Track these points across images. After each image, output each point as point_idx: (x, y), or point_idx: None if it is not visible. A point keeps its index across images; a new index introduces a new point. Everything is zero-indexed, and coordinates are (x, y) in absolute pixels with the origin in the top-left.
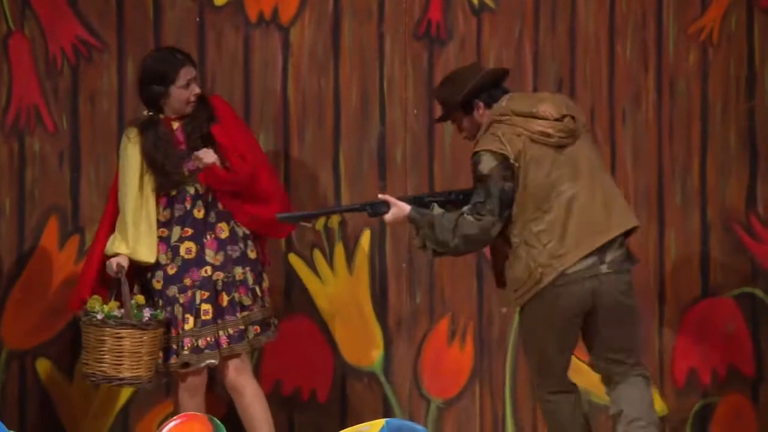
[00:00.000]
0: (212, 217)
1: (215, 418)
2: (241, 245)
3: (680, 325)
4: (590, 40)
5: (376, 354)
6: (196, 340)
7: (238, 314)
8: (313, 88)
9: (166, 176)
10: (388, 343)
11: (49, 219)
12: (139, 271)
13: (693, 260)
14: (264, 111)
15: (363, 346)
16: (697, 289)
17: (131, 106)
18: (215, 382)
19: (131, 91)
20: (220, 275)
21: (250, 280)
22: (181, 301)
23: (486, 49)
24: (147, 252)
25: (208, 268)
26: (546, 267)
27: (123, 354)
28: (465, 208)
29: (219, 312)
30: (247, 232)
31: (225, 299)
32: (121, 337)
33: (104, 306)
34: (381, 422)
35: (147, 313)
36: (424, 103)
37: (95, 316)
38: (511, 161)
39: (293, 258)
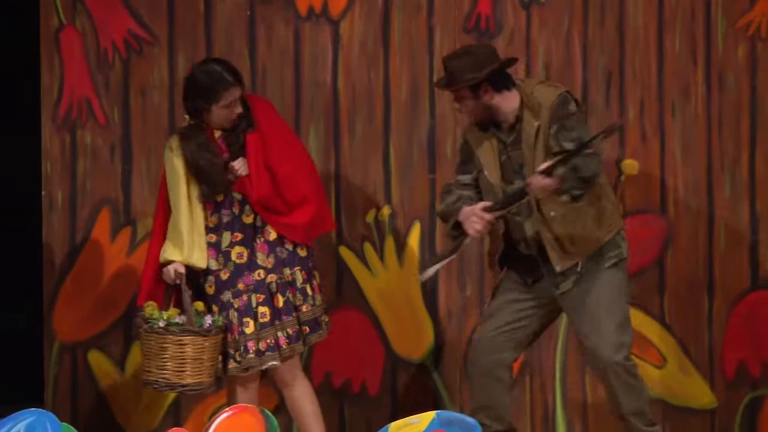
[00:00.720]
0: (260, 221)
1: (266, 410)
2: (290, 246)
3: (730, 318)
4: (639, 34)
5: (427, 346)
6: (257, 343)
7: (293, 314)
8: (363, 81)
9: (210, 184)
10: (438, 336)
11: (100, 211)
12: (191, 276)
13: (742, 252)
14: (314, 105)
15: (413, 338)
16: (747, 281)
17: (181, 100)
18: (267, 374)
19: (181, 85)
20: (273, 277)
21: (299, 280)
22: (237, 305)
23: (535, 43)
24: (200, 257)
25: (261, 272)
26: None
27: (186, 361)
28: (571, 144)
29: (276, 314)
30: None
31: (281, 300)
32: (183, 344)
33: (163, 313)
34: (431, 414)
35: (208, 319)
36: None
37: (157, 324)
38: None
39: (344, 251)
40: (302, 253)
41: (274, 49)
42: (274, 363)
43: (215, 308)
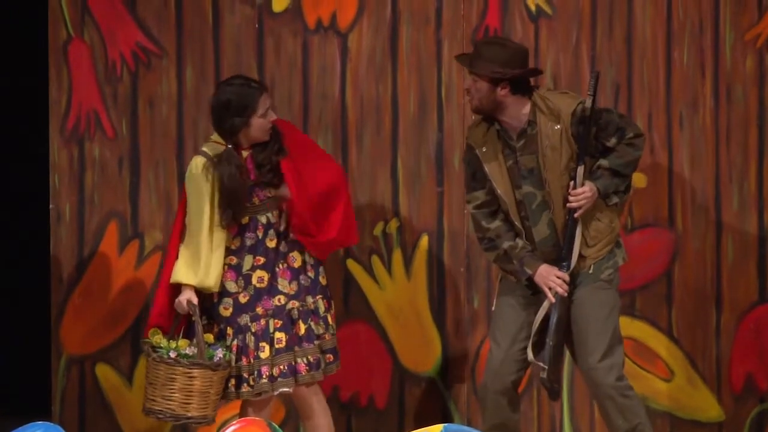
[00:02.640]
0: (284, 247)
1: (273, 423)
2: (311, 273)
3: (737, 330)
4: (647, 46)
5: (434, 359)
6: (271, 369)
7: (315, 342)
8: (371, 93)
9: (240, 207)
10: (446, 348)
11: (108, 224)
12: (202, 298)
13: (750, 265)
14: (322, 117)
15: (421, 351)
16: (755, 294)
17: (190, 112)
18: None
19: (190, 97)
20: (295, 304)
21: (322, 309)
22: (254, 329)
23: (543, 55)
24: (215, 281)
25: (282, 297)
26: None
27: (193, 393)
28: (613, 140)
29: (296, 340)
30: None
31: (302, 327)
32: (192, 377)
33: (172, 342)
34: (439, 427)
35: (219, 353)
36: None
37: (166, 354)
38: None
39: (351, 263)
40: (323, 281)
41: (282, 61)
42: (287, 389)
43: (229, 330)
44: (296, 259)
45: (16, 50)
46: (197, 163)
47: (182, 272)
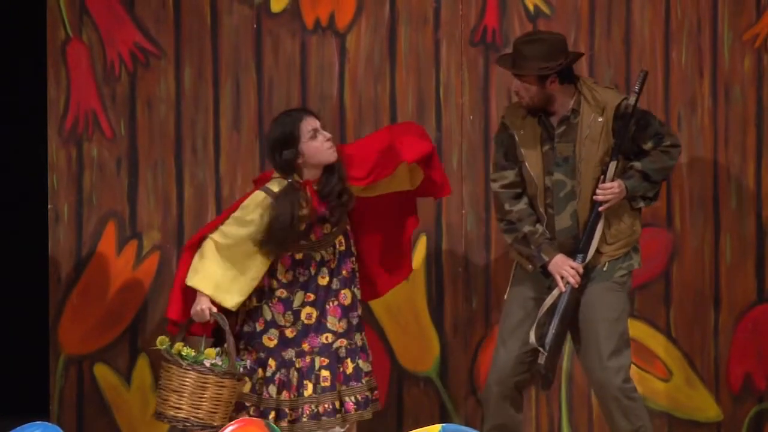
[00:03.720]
0: (335, 284)
1: (272, 423)
2: (359, 311)
3: (735, 330)
4: (645, 46)
5: (432, 359)
6: (316, 407)
7: (363, 380)
8: (370, 94)
9: (281, 249)
10: (444, 348)
11: (106, 224)
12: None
13: (748, 265)
14: (320, 117)
15: (419, 351)
16: (753, 293)
17: (188, 112)
18: None
19: (188, 97)
20: (343, 342)
21: (366, 345)
22: (298, 365)
23: None
24: (235, 303)
25: (329, 335)
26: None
27: (220, 402)
28: (650, 143)
29: (342, 379)
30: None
31: (350, 366)
32: (223, 386)
33: (200, 354)
34: (437, 427)
35: (243, 364)
36: (480, 109)
37: (197, 362)
38: None
39: None
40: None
41: (280, 61)
42: (339, 428)
43: (272, 362)
44: (347, 296)
45: (14, 50)
46: (261, 199)
47: (199, 277)
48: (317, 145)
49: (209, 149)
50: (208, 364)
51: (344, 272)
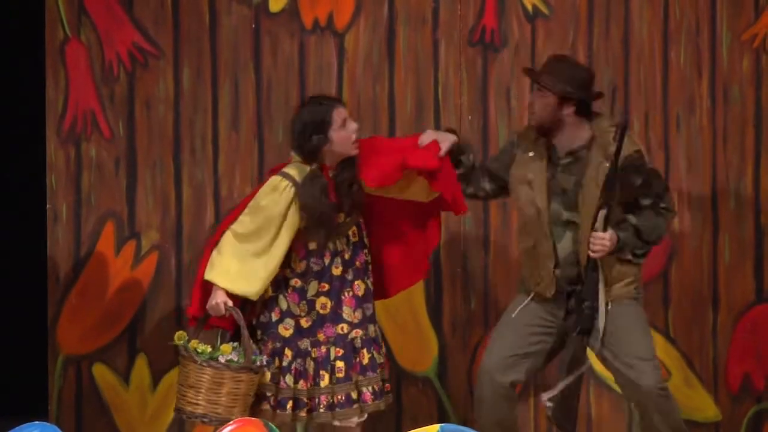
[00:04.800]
0: (350, 275)
1: (271, 423)
2: (373, 302)
3: (734, 331)
4: (644, 47)
5: (431, 359)
6: (331, 398)
7: (378, 371)
8: (368, 94)
9: (331, 226)
10: (442, 349)
11: (105, 225)
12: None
13: (747, 265)
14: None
15: (418, 351)
16: (751, 294)
17: (186, 112)
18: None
19: (187, 98)
20: (358, 332)
21: (380, 337)
22: (314, 355)
23: (540, 56)
24: (257, 291)
25: (345, 326)
26: None
27: (238, 397)
28: (648, 201)
29: (359, 369)
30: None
31: (366, 356)
32: (240, 381)
33: (216, 350)
34: (435, 428)
35: (260, 357)
36: (479, 109)
37: (214, 358)
38: None
39: None
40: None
41: (279, 61)
42: (357, 418)
43: (288, 351)
44: (360, 287)
45: (13, 50)
46: (277, 182)
47: (215, 271)
48: (346, 135)
49: (208, 149)
50: (223, 360)
51: (357, 263)
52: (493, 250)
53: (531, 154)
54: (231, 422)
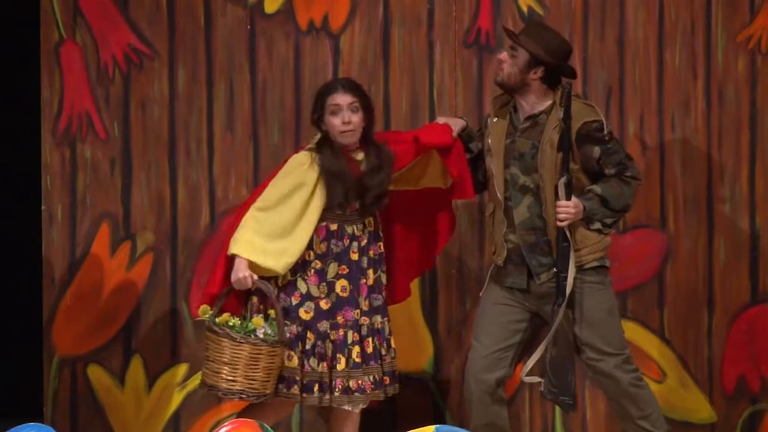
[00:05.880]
0: (364, 262)
1: (265, 424)
2: (383, 294)
3: (729, 332)
4: (639, 48)
5: (426, 360)
6: (347, 381)
7: (378, 362)
8: None
9: (346, 186)
10: (437, 350)
11: (100, 225)
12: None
13: (742, 267)
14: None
15: (413, 352)
16: (746, 295)
17: (182, 114)
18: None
19: (182, 99)
20: (366, 320)
21: (386, 331)
22: (332, 337)
23: None
24: (280, 263)
25: (359, 311)
26: None
27: (272, 371)
28: (612, 170)
29: (366, 357)
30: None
31: (370, 345)
32: (275, 355)
33: (247, 323)
34: (431, 429)
35: (288, 332)
36: (474, 110)
37: (253, 333)
38: None
39: None
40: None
41: (274, 62)
42: (362, 406)
43: (310, 334)
44: (371, 276)
45: (8, 52)
46: (302, 156)
47: (241, 246)
48: (333, 123)
49: (203, 150)
50: (261, 335)
51: (371, 252)
52: (488, 251)
53: (495, 119)
54: (226, 423)
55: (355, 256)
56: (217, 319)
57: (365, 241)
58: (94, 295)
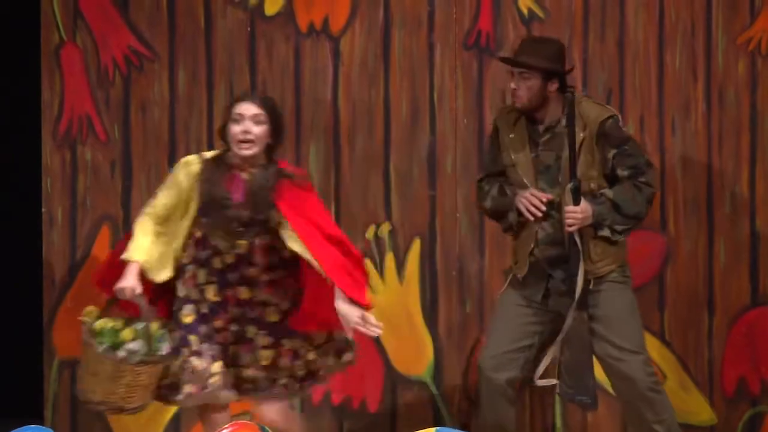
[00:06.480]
0: (231, 277)
1: (266, 427)
2: (259, 310)
3: (729, 334)
4: (639, 50)
5: (426, 363)
6: (223, 379)
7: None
8: (363, 97)
9: (219, 211)
10: (438, 352)
11: (101, 228)
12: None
13: (742, 269)
14: (314, 121)
15: (413, 354)
16: (747, 297)
17: (182, 116)
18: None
19: (182, 101)
20: (234, 327)
21: (260, 342)
22: (218, 340)
23: None
24: (159, 273)
25: (229, 317)
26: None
27: (137, 387)
28: (625, 172)
29: (231, 359)
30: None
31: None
32: (140, 374)
33: (118, 334)
34: (431, 431)
35: (166, 347)
36: (474, 112)
37: (112, 350)
38: None
39: None
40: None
41: (274, 65)
42: (234, 399)
43: (193, 337)
44: (243, 292)
45: (8, 54)
46: (185, 159)
47: (135, 250)
48: (232, 131)
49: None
50: (123, 354)
51: (247, 273)
52: (489, 253)
53: (512, 135)
54: (227, 426)
55: (218, 265)
56: (96, 324)
57: (231, 259)
58: (95, 298)
